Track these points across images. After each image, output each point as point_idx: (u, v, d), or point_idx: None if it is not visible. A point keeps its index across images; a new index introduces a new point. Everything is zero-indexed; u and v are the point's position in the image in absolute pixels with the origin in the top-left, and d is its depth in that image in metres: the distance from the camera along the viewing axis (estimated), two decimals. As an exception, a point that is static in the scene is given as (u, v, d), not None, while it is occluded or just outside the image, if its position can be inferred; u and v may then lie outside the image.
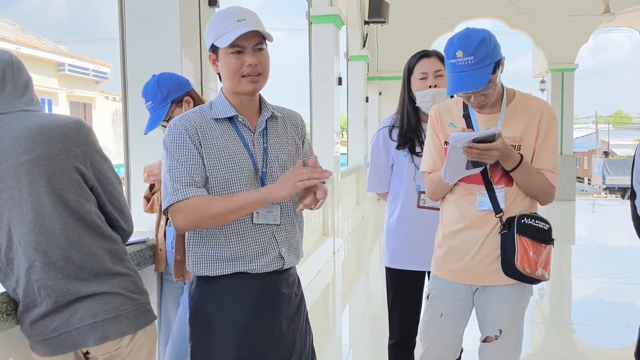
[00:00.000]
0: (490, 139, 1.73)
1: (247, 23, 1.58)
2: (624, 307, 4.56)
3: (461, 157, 1.79)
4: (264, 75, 1.66)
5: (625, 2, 10.20)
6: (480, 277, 1.93)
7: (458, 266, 1.94)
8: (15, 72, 1.52)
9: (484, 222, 1.89)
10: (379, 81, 11.11)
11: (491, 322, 1.96)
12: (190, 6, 2.94)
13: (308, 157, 1.88)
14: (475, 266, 1.91)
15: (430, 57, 2.31)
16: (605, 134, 39.19)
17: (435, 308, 2.02)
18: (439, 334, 2.03)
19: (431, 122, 2.01)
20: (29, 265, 1.43)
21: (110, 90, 20.82)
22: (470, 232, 1.91)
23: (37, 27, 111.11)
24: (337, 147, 7.27)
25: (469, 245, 1.91)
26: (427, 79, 2.28)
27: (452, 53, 1.75)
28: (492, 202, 1.87)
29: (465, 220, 1.91)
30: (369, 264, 6.61)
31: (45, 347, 1.47)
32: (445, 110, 1.98)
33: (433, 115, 2.00)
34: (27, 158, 1.42)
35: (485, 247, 1.89)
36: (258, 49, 1.62)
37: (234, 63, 1.60)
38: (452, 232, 1.95)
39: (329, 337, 4.19)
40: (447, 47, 1.78)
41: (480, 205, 1.89)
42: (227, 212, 1.58)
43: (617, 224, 9.46)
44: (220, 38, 1.59)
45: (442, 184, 1.92)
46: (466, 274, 1.94)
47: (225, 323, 1.64)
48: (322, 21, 6.97)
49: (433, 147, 2.00)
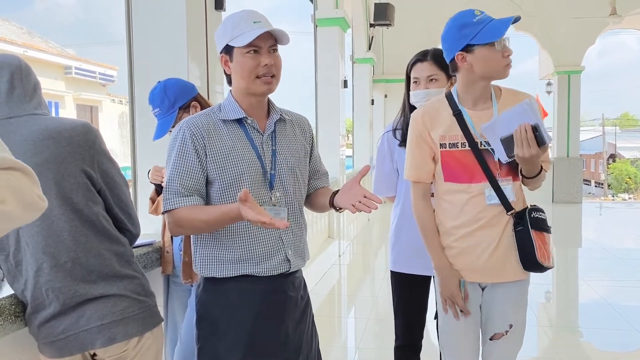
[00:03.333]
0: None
1: (262, 25, 1.61)
2: (632, 311, 4.53)
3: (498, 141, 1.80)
4: (277, 78, 1.67)
5: (632, 4, 10.15)
6: (494, 275, 1.92)
7: (472, 266, 1.92)
8: (23, 76, 1.53)
9: (497, 220, 1.88)
10: (385, 84, 11.10)
11: (501, 318, 1.95)
12: (196, 9, 2.95)
13: (317, 162, 1.89)
14: (492, 265, 1.90)
15: (424, 61, 2.28)
16: (612, 136, 39.02)
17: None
18: (463, 334, 1.98)
19: (416, 127, 1.93)
20: (37, 268, 1.44)
21: (117, 93, 20.89)
22: (485, 232, 1.88)
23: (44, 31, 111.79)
24: (342, 150, 7.27)
25: (485, 244, 1.88)
26: (420, 85, 2.27)
27: (471, 14, 1.80)
28: (499, 197, 1.86)
29: (480, 221, 1.88)
30: (374, 267, 6.60)
31: (53, 349, 1.48)
32: (431, 114, 1.92)
33: (419, 120, 1.93)
34: (35, 161, 1.43)
35: (501, 245, 1.89)
36: (273, 49, 1.64)
37: (250, 63, 1.62)
38: (464, 235, 1.91)
39: (335, 339, 4.19)
40: (458, 20, 1.81)
41: (488, 199, 1.87)
42: (208, 227, 1.62)
43: (625, 226, 9.42)
44: (237, 38, 1.61)
45: (427, 231, 1.95)
46: (480, 273, 1.92)
47: (232, 325, 1.65)
48: (328, 24, 6.98)
49: (419, 154, 1.93)
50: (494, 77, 1.86)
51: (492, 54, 1.79)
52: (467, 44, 1.79)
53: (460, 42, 1.80)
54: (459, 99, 1.91)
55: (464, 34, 1.79)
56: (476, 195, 1.88)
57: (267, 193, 1.68)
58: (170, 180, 1.63)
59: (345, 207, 1.65)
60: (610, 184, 34.03)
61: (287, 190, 1.71)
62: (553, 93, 11.83)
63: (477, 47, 1.79)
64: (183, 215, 1.60)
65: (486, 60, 1.80)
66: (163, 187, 1.69)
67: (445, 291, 1.94)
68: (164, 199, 1.64)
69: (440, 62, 2.29)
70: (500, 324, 1.96)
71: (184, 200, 1.61)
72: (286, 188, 1.71)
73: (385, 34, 10.76)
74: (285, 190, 1.71)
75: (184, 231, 1.67)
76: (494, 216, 1.88)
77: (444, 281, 1.94)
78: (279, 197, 1.69)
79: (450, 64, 1.89)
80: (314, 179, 1.88)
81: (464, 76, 1.87)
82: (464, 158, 1.88)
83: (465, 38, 1.79)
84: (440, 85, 2.26)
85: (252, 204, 1.45)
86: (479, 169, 1.88)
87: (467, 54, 1.80)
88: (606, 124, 38.87)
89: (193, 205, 1.61)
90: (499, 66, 1.81)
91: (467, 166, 1.88)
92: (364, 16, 9.66)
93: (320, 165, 1.91)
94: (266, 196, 1.67)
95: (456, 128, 1.88)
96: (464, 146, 1.88)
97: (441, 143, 1.89)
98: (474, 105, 1.90)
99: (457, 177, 1.90)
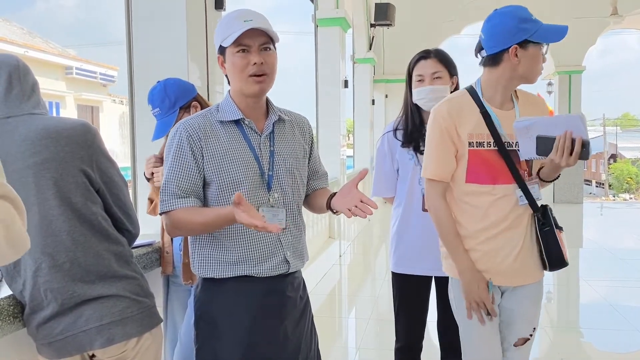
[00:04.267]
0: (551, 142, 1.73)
1: (252, 23, 1.59)
2: (633, 311, 4.52)
3: (531, 142, 1.76)
4: (271, 76, 1.65)
5: (633, 3, 10.14)
6: (519, 278, 1.88)
7: (497, 269, 1.85)
8: (21, 76, 1.53)
9: (519, 221, 1.85)
10: (385, 84, 11.09)
11: (525, 322, 1.91)
12: (196, 9, 2.95)
13: (317, 163, 1.88)
14: (517, 267, 1.85)
15: (428, 59, 2.27)
16: (613, 136, 39.00)
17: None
18: (488, 340, 1.90)
19: (443, 123, 1.82)
20: (35, 268, 1.44)
21: (118, 93, 20.91)
22: (510, 234, 1.83)
23: (45, 31, 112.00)
24: (343, 150, 7.26)
25: (511, 246, 1.84)
26: (424, 82, 2.25)
27: (527, 11, 1.76)
28: (527, 198, 1.83)
29: (504, 223, 1.83)
30: (375, 267, 6.59)
31: (51, 350, 1.48)
32: (456, 109, 1.83)
33: (445, 115, 1.82)
34: (34, 161, 1.43)
35: (525, 247, 1.86)
36: (264, 48, 1.62)
37: (240, 62, 1.60)
38: (489, 237, 1.83)
39: (335, 340, 4.18)
40: (517, 12, 1.75)
41: (520, 200, 1.83)
42: (204, 229, 1.62)
43: (625, 227, 9.40)
44: (227, 38, 1.60)
45: (449, 235, 1.88)
46: (504, 276, 1.86)
47: (231, 326, 1.64)
48: (329, 24, 6.98)
49: (442, 150, 1.83)
50: (529, 80, 1.81)
51: (540, 56, 1.76)
52: (526, 39, 1.73)
53: (519, 35, 1.72)
54: (484, 96, 1.84)
55: (525, 28, 1.72)
56: (501, 197, 1.82)
57: (265, 194, 1.67)
58: (167, 181, 1.62)
59: (341, 210, 1.64)
60: (611, 184, 34.00)
61: (285, 191, 1.70)
62: (554, 93, 11.82)
63: (532, 44, 1.74)
64: (180, 217, 1.60)
65: (534, 61, 1.76)
66: (152, 184, 1.67)
67: (473, 295, 1.84)
68: (160, 200, 1.63)
69: (444, 60, 2.29)
70: (525, 328, 1.90)
71: (180, 202, 1.60)
72: (284, 189, 1.70)
73: (386, 34, 10.75)
74: (284, 192, 1.70)
75: (180, 232, 1.67)
76: (516, 217, 1.84)
77: (470, 285, 1.84)
78: (277, 198, 1.68)
79: (492, 57, 1.79)
80: (313, 179, 1.87)
81: (504, 72, 1.78)
82: (490, 158, 1.82)
83: (526, 32, 1.72)
84: (444, 83, 2.26)
85: (246, 207, 1.44)
86: (504, 169, 1.82)
87: (521, 49, 1.74)
88: (607, 124, 38.85)
89: (190, 207, 1.60)
90: (539, 70, 1.79)
91: (492, 166, 1.82)
92: (365, 16, 9.66)
93: (319, 166, 1.90)
94: (264, 197, 1.66)
95: (483, 126, 1.81)
96: (489, 145, 1.82)
97: (470, 141, 1.82)
98: (502, 104, 1.85)
99: (480, 178, 1.83)
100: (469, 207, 1.86)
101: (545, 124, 1.75)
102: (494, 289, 1.88)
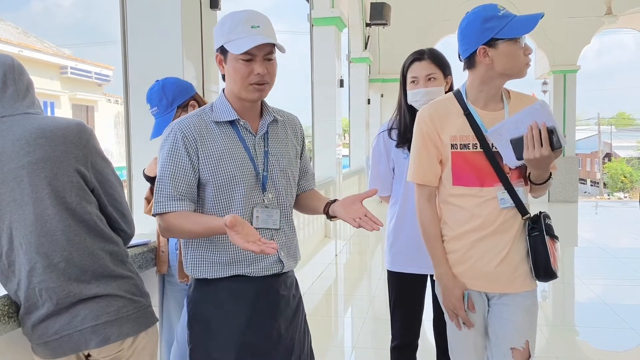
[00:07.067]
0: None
1: (261, 30, 1.57)
2: (628, 310, 4.54)
3: (507, 145, 1.73)
4: (271, 84, 1.65)
5: (627, 3, 10.18)
6: (503, 284, 1.83)
7: (480, 273, 1.83)
8: (16, 75, 1.52)
9: (509, 225, 1.80)
10: (381, 83, 11.11)
11: (516, 332, 1.84)
12: (191, 9, 2.95)
13: (306, 162, 1.88)
14: (500, 272, 1.81)
15: (422, 60, 2.27)
16: (607, 135, 39.16)
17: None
18: (472, 344, 1.89)
19: (424, 127, 1.84)
20: (30, 268, 1.43)
21: (113, 93, 20.85)
22: (497, 237, 1.80)
23: (40, 31, 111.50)
24: (339, 149, 7.27)
25: (496, 250, 1.80)
26: (418, 84, 2.25)
27: (495, 8, 1.72)
28: (514, 200, 1.79)
29: (492, 226, 1.80)
30: (370, 266, 6.60)
31: (47, 350, 1.47)
32: (440, 113, 1.83)
33: (427, 120, 1.84)
34: (29, 160, 1.42)
35: (512, 252, 1.81)
36: (268, 58, 1.61)
37: (243, 70, 1.59)
38: (474, 240, 1.81)
39: (331, 339, 4.18)
40: (481, 12, 1.73)
41: (502, 202, 1.79)
42: (196, 237, 1.64)
43: (620, 225, 9.45)
44: (232, 42, 1.57)
45: (431, 239, 1.88)
46: (487, 281, 1.83)
47: (224, 325, 1.64)
48: (324, 23, 6.98)
49: (425, 155, 1.85)
50: (513, 76, 1.78)
51: (515, 51, 1.73)
52: (492, 37, 1.71)
53: (484, 36, 1.71)
54: (468, 98, 1.83)
55: (489, 27, 1.71)
56: (488, 199, 1.80)
57: (260, 195, 1.66)
58: (161, 182, 1.61)
59: (345, 219, 1.65)
60: (606, 183, 34.15)
61: (280, 191, 1.71)
62: (549, 92, 11.86)
63: (501, 42, 1.71)
64: (173, 222, 1.59)
65: (509, 57, 1.72)
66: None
67: (447, 302, 1.86)
68: (154, 201, 1.62)
69: (437, 61, 2.29)
70: (517, 338, 1.84)
71: (175, 204, 1.59)
72: (278, 190, 1.70)
73: (381, 34, 10.78)
74: (278, 192, 1.70)
75: (173, 235, 1.66)
76: (505, 221, 1.80)
77: (446, 292, 1.85)
78: (272, 198, 1.68)
79: (467, 60, 1.79)
80: (302, 179, 1.87)
81: (481, 73, 1.78)
82: (476, 160, 1.80)
83: (490, 31, 1.71)
84: (438, 84, 2.26)
85: (240, 227, 1.42)
86: (490, 171, 1.79)
87: (490, 48, 1.72)
88: (602, 123, 38.98)
89: (184, 211, 1.60)
90: (520, 64, 1.75)
91: (478, 168, 1.80)
92: (360, 16, 9.67)
93: (308, 166, 1.90)
94: (259, 198, 1.66)
95: (467, 128, 1.80)
96: (475, 147, 1.80)
97: (452, 144, 1.81)
98: (485, 105, 1.82)
99: (467, 180, 1.82)
100: (456, 209, 1.85)
101: (512, 125, 1.73)
102: (480, 295, 1.86)
